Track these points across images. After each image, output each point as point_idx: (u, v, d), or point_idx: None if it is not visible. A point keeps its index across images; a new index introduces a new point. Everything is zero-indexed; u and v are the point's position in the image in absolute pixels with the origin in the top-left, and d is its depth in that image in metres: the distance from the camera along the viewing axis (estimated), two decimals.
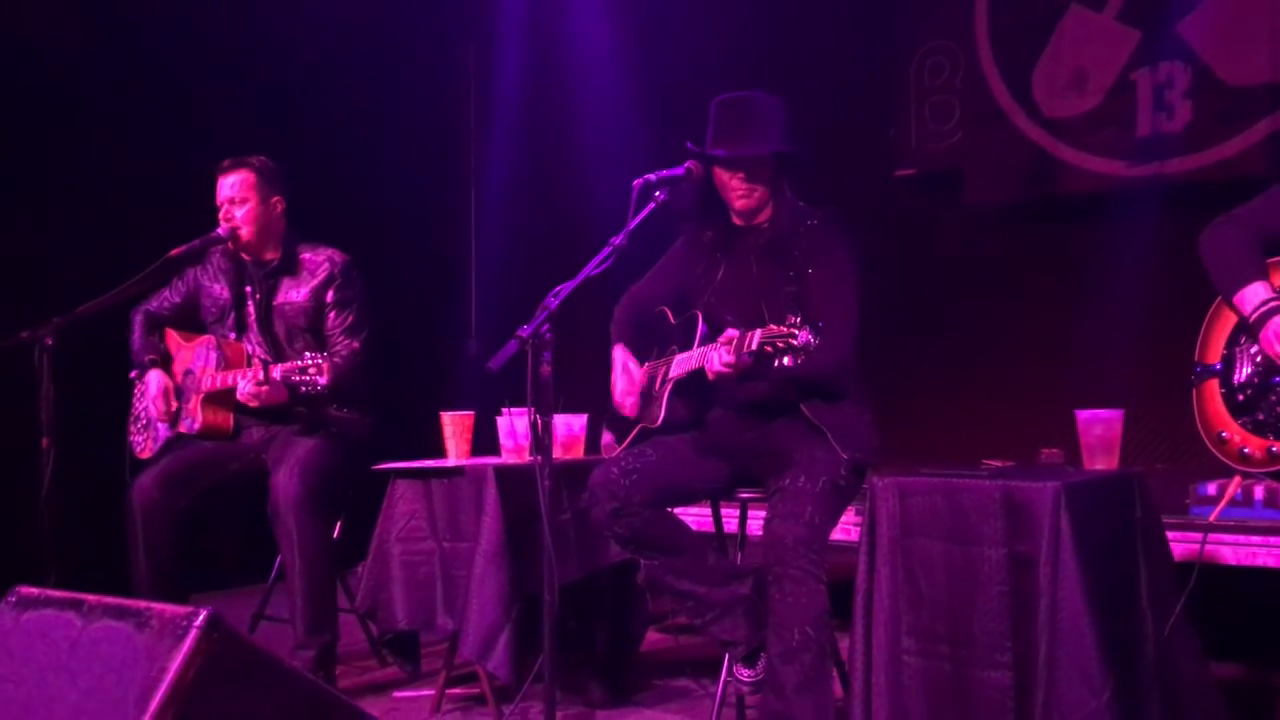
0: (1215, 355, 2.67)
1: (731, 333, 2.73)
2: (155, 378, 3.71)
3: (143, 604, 1.69)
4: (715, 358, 2.76)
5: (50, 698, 1.70)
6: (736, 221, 3.08)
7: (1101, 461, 2.70)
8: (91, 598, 1.79)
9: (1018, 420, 4.87)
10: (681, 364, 3.01)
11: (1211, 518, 2.65)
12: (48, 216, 4.86)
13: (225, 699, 1.61)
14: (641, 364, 3.19)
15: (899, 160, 5.38)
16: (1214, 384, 2.67)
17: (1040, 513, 2.32)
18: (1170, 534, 2.69)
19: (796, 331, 2.50)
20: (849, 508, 2.97)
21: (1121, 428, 2.70)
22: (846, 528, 3.40)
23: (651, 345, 3.23)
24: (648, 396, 3.12)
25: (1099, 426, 2.69)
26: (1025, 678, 2.31)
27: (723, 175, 2.99)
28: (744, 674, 2.86)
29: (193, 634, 1.58)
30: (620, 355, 3.18)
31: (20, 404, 3.16)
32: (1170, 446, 4.69)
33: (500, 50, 6.47)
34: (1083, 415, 2.73)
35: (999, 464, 2.82)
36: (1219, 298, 2.72)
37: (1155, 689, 2.44)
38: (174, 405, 3.69)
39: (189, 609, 1.61)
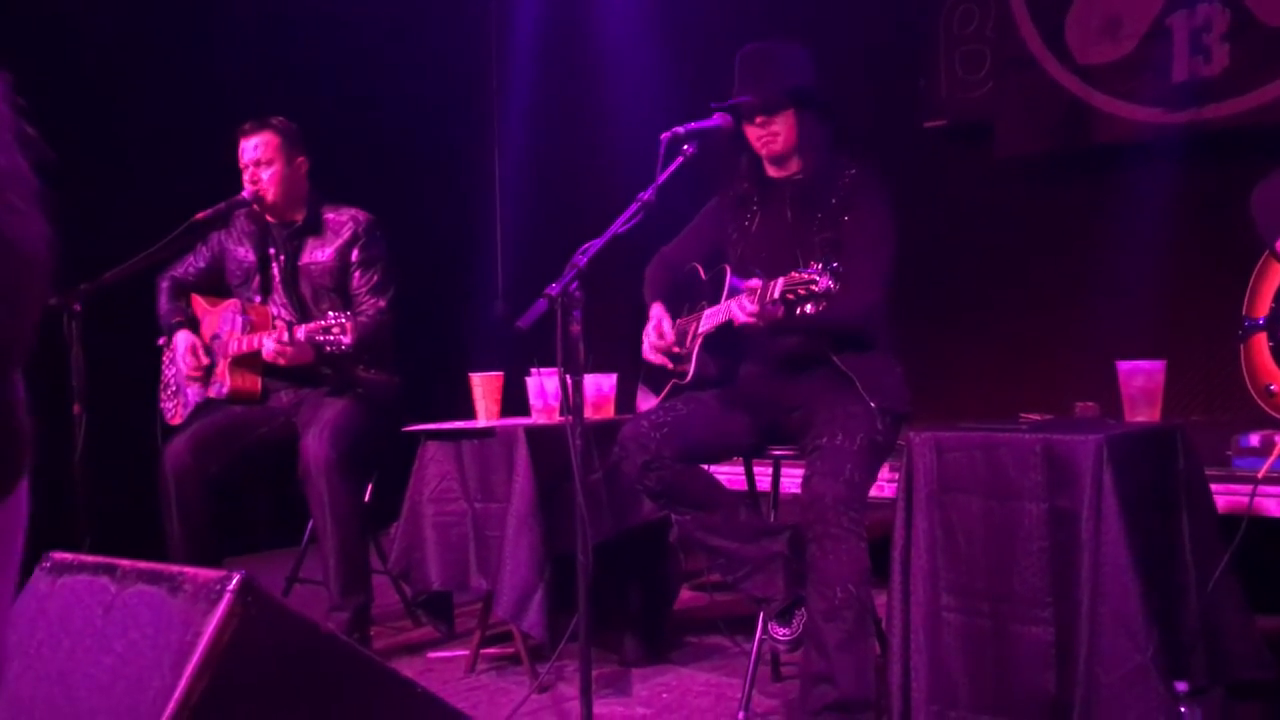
0: (1263, 309, 2.62)
1: (755, 282, 2.69)
2: (182, 337, 3.71)
3: (176, 568, 1.68)
4: (737, 308, 2.73)
5: (86, 661, 1.69)
6: (770, 173, 3.05)
7: (1143, 413, 2.65)
8: (125, 562, 1.78)
9: (1052, 374, 4.81)
10: (710, 318, 2.98)
11: (1261, 473, 2.60)
12: (72, 183, 4.86)
13: (260, 662, 1.60)
14: (674, 321, 3.16)
15: (929, 111, 5.29)
16: (1262, 338, 2.61)
17: (1082, 466, 2.28)
18: (1213, 486, 2.64)
19: (817, 278, 2.47)
20: (885, 464, 2.94)
21: (1164, 379, 2.65)
22: (882, 484, 3.37)
23: (683, 303, 3.20)
24: (678, 352, 3.10)
25: (1140, 378, 2.64)
26: (1067, 633, 2.28)
27: (745, 124, 2.97)
28: (779, 632, 2.84)
29: (226, 598, 1.56)
30: (657, 311, 3.15)
31: (51, 371, 3.16)
32: (1206, 398, 4.63)
33: (521, 1, 6.40)
34: (1124, 366, 2.68)
35: (1037, 418, 2.77)
36: (1265, 252, 2.66)
37: (1200, 643, 2.41)
38: (204, 360, 3.69)
39: (222, 573, 1.60)
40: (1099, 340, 4.26)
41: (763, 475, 3.26)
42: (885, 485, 3.33)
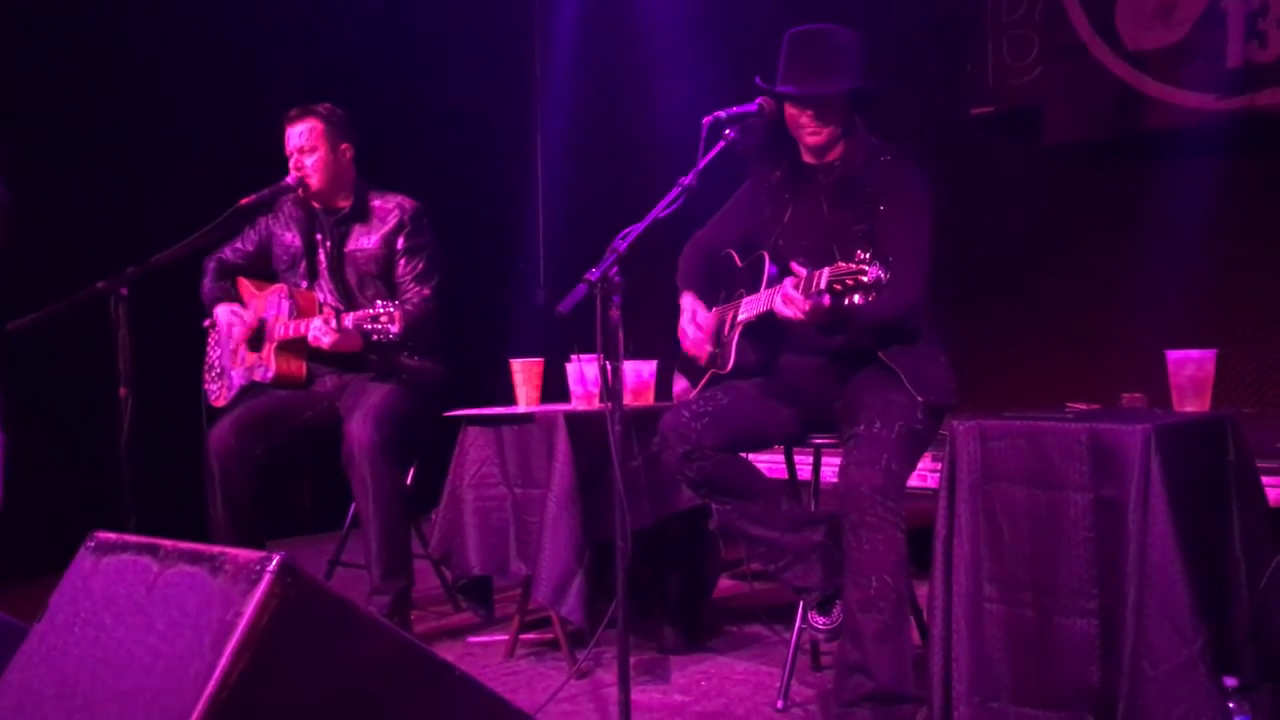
0: None
1: (799, 272, 2.63)
2: (223, 308, 3.76)
3: (217, 549, 1.69)
4: (781, 300, 2.66)
5: (129, 640, 1.71)
6: (807, 159, 3.00)
7: (1192, 404, 2.60)
8: (167, 543, 1.79)
9: (1099, 363, 4.75)
10: (750, 307, 2.94)
11: None
12: (122, 167, 4.92)
13: (299, 643, 1.61)
14: (709, 309, 3.13)
15: (976, 98, 5.24)
16: None
17: (1130, 456, 2.24)
18: (1265, 478, 2.59)
19: (866, 268, 2.39)
20: (925, 454, 2.91)
21: (1214, 368, 2.60)
22: (923, 474, 3.34)
23: (719, 290, 3.17)
24: (717, 341, 3.07)
25: (1190, 367, 2.59)
26: (1112, 625, 2.25)
27: (793, 112, 2.90)
28: (819, 621, 2.83)
29: (266, 579, 1.57)
30: (689, 303, 3.12)
31: (98, 354, 3.20)
32: (1258, 388, 4.56)
33: None
34: (1173, 355, 2.63)
35: (1083, 407, 2.73)
36: None
37: (1251, 639, 2.36)
38: (252, 322, 3.71)
39: (262, 554, 1.61)
40: (1148, 329, 4.20)
41: (803, 463, 3.24)
42: (928, 475, 3.30)
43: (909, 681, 2.56)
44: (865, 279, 2.40)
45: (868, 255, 2.41)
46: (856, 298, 2.42)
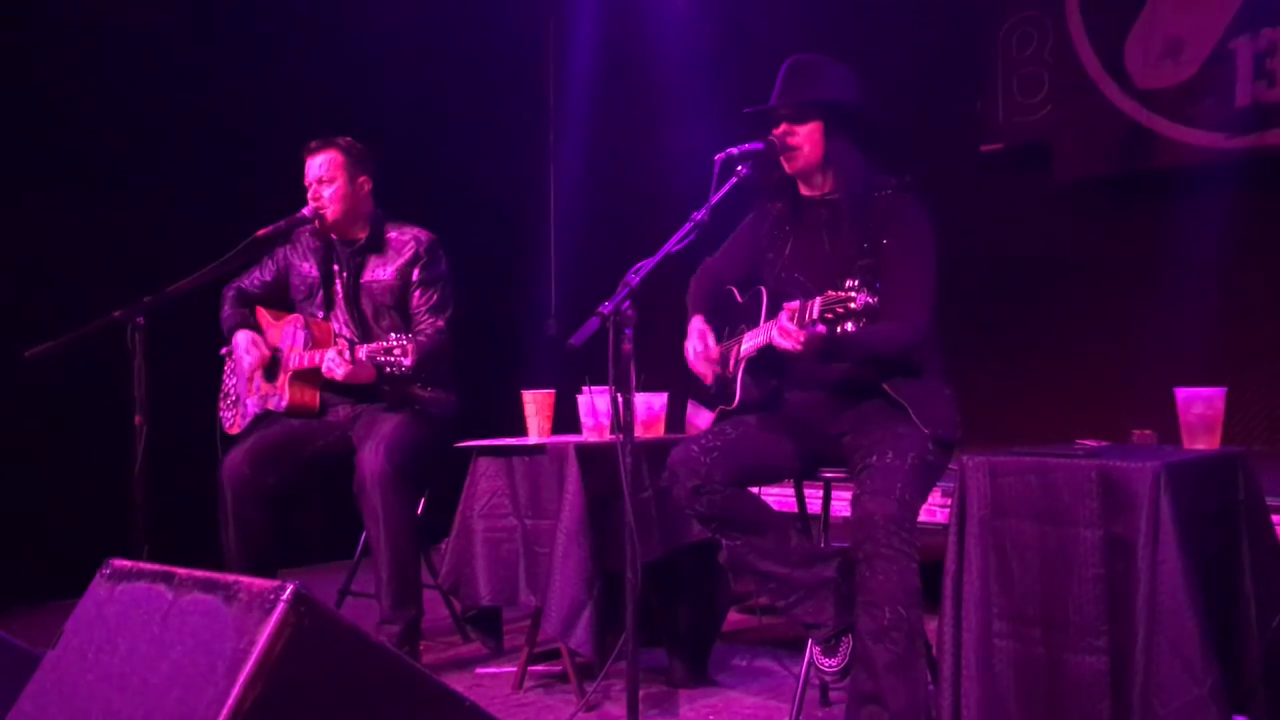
0: None
1: (793, 304, 2.64)
2: (243, 334, 3.78)
3: (231, 577, 1.70)
4: (778, 332, 2.67)
5: (143, 667, 1.72)
6: (804, 192, 3.02)
7: (1202, 441, 2.60)
8: (182, 571, 1.80)
9: (1109, 400, 4.75)
10: (750, 341, 2.96)
11: None
12: (139, 197, 4.97)
13: (312, 671, 1.62)
14: (716, 342, 3.14)
15: (986, 135, 5.28)
16: None
17: (1139, 493, 2.24)
18: (1275, 517, 2.59)
19: (854, 295, 2.42)
20: (935, 488, 2.91)
21: (1223, 406, 2.60)
22: (933, 509, 3.34)
23: (723, 325, 3.19)
24: (722, 377, 3.09)
25: (1200, 405, 2.60)
26: (1122, 663, 2.24)
27: (775, 133, 2.93)
28: (826, 664, 2.81)
29: (280, 607, 1.58)
30: (699, 324, 3.13)
31: (114, 382, 3.23)
32: (1268, 426, 4.55)
33: (578, 24, 6.46)
34: (1183, 393, 2.64)
35: (1093, 443, 2.73)
36: None
37: (1262, 678, 2.35)
38: (265, 351, 3.74)
39: (276, 583, 1.62)
40: (1157, 366, 4.21)
41: (813, 498, 3.24)
42: (937, 510, 3.30)
43: (922, 712, 2.55)
44: (854, 305, 2.42)
45: (856, 282, 2.43)
46: (849, 325, 2.44)
